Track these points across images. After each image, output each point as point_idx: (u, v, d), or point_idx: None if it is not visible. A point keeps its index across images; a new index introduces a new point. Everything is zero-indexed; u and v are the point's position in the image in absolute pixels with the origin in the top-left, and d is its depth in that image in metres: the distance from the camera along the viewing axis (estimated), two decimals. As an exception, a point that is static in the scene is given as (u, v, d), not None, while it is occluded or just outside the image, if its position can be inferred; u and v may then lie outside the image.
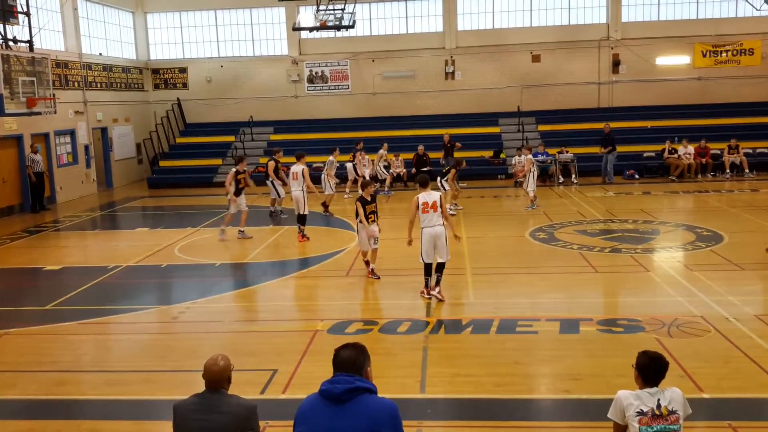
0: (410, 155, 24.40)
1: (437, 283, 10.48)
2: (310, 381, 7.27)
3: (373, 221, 11.73)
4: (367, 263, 11.97)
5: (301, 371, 7.88)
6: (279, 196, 18.27)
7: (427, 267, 10.50)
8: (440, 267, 10.51)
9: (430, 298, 10.47)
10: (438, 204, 10.34)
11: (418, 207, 10.42)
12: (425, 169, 24.05)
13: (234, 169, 15.57)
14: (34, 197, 21.11)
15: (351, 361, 3.82)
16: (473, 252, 13.51)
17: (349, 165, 21.95)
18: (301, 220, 15.19)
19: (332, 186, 18.91)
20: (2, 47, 18.68)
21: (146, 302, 11.43)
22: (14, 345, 9.31)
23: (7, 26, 19.17)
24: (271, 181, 18.08)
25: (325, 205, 18.62)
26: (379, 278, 11.76)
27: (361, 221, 11.64)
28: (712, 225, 15.25)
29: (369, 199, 11.72)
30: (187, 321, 10.27)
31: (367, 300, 11.05)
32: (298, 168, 15.15)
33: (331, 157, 19.50)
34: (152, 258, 14.24)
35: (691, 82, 27.75)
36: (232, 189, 15.31)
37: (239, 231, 15.54)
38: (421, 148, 24.19)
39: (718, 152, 23.78)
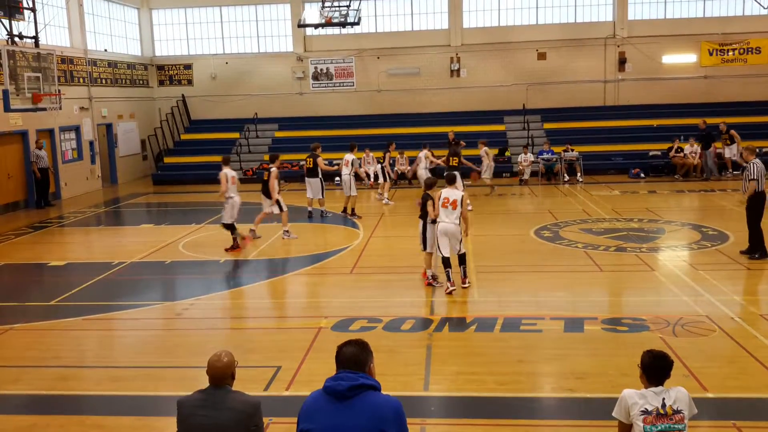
0: (415, 153, 24.31)
1: (465, 274, 10.89)
2: (314, 378, 7.28)
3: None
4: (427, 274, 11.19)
5: (304, 368, 7.88)
6: (321, 196, 17.50)
7: (445, 260, 10.67)
8: (461, 259, 10.86)
9: (453, 291, 10.58)
10: (458, 203, 10.56)
11: (439, 200, 10.69)
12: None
13: (274, 168, 14.95)
14: (39, 193, 21.17)
15: (354, 358, 3.80)
16: (478, 250, 13.48)
17: (378, 166, 21.37)
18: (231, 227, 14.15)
19: (354, 187, 17.75)
20: (8, 43, 18.70)
21: (150, 298, 11.43)
22: (18, 340, 9.32)
23: (12, 22, 19.18)
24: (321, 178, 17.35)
25: (348, 209, 17.62)
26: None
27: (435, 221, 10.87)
28: (718, 224, 15.19)
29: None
30: (191, 317, 10.28)
31: (371, 297, 11.02)
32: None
33: (351, 155, 18.01)
34: (156, 254, 14.25)
35: (698, 81, 27.65)
36: (277, 188, 14.81)
37: (284, 231, 15.14)
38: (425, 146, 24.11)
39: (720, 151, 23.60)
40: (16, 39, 19.10)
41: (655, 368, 4.50)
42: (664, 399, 4.41)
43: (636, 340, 8.33)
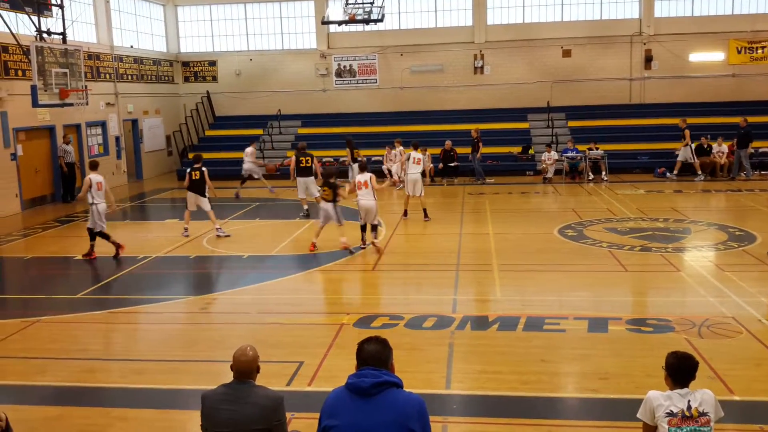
0: (438, 150, 24.32)
1: (375, 237, 13.62)
2: (336, 374, 7.30)
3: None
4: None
5: (326, 364, 7.90)
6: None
7: (363, 227, 13.60)
8: (374, 227, 13.73)
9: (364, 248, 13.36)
10: (369, 183, 13.20)
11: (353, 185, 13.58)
12: (452, 164, 24.01)
13: (205, 168, 15.28)
14: (66, 187, 21.46)
15: (377, 354, 3.81)
16: (500, 248, 13.43)
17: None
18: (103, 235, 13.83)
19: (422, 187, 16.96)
20: (36, 39, 18.97)
21: (175, 292, 11.55)
22: (45, 332, 9.46)
23: (41, 18, 19.46)
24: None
25: (425, 211, 16.77)
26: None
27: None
28: (745, 225, 14.98)
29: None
30: (215, 312, 10.37)
31: (393, 294, 11.04)
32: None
33: (419, 154, 17.73)
34: (181, 249, 14.38)
35: (726, 79, 27.25)
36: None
37: (217, 229, 15.33)
38: (448, 143, 24.10)
39: (753, 151, 23.19)
40: (45, 35, 19.36)
41: (680, 369, 4.46)
42: (689, 401, 4.37)
43: (661, 341, 8.24)
